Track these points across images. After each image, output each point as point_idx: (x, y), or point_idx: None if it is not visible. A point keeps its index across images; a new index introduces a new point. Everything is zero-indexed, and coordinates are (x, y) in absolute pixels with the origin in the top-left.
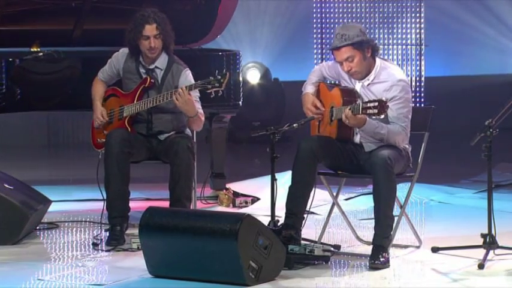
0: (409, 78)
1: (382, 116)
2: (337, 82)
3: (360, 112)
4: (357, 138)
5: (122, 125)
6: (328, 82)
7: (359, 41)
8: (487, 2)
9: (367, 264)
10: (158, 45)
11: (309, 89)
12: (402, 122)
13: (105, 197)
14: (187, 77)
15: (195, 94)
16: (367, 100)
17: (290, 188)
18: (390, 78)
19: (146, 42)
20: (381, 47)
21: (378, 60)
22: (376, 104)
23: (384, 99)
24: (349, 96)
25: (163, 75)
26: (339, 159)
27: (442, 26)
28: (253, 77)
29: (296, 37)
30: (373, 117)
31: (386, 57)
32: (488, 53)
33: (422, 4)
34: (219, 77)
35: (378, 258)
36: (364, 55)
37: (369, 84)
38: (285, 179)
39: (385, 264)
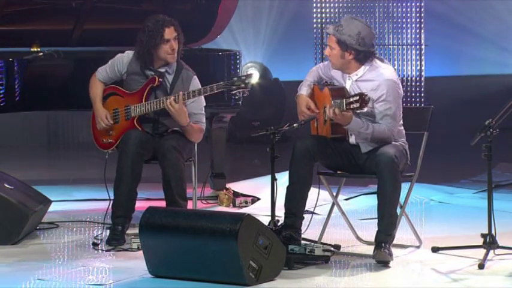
0: (409, 78)
1: (365, 109)
2: (329, 82)
3: (345, 108)
4: (353, 139)
5: (131, 125)
6: (322, 83)
7: (344, 41)
8: (487, 2)
9: (372, 255)
10: (177, 48)
11: (303, 90)
12: (388, 122)
13: (111, 197)
14: (196, 86)
15: (201, 106)
16: (352, 94)
17: (288, 188)
18: (378, 78)
19: (167, 46)
20: (377, 51)
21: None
22: (357, 98)
23: (364, 92)
24: (338, 94)
25: (173, 80)
26: (336, 158)
27: (442, 25)
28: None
29: (296, 37)
30: (357, 111)
31: (386, 57)
32: (488, 53)
33: (422, 4)
34: (244, 77)
35: (381, 249)
36: (343, 54)
37: (357, 80)
38: (285, 179)
39: (390, 256)
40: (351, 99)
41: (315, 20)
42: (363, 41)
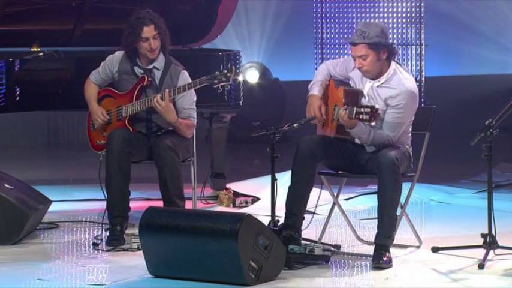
0: None
1: (373, 123)
2: (346, 81)
3: (353, 116)
4: (358, 139)
5: (122, 125)
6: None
7: (376, 42)
8: (487, 1)
9: (371, 264)
10: (157, 46)
11: (316, 90)
12: (392, 131)
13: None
14: (186, 79)
15: (191, 101)
16: (364, 105)
17: (289, 188)
18: (399, 87)
19: (146, 44)
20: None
21: (393, 63)
22: (368, 110)
23: (376, 106)
24: (351, 97)
25: (162, 76)
26: (338, 158)
27: (442, 25)
28: (252, 77)
29: (296, 37)
30: (365, 123)
31: None
32: (488, 53)
33: (422, 4)
34: (225, 71)
35: (381, 258)
36: (378, 56)
37: (378, 86)
38: (285, 179)
39: (389, 263)
40: (362, 110)
41: (315, 20)
42: (386, 36)
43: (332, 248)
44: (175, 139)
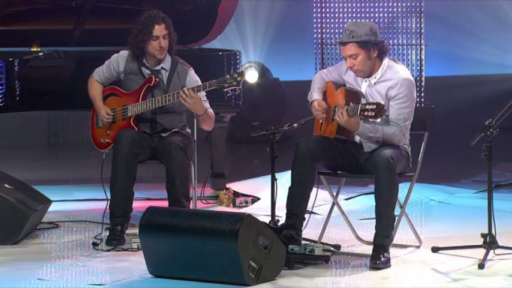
0: None
1: (379, 120)
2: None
3: (358, 113)
4: (357, 138)
5: (127, 125)
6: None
7: (365, 41)
8: (488, 1)
9: (368, 264)
10: (166, 45)
11: (316, 96)
12: (401, 122)
13: (108, 197)
14: (193, 77)
15: (202, 94)
16: (369, 102)
17: (290, 188)
18: (395, 76)
19: (155, 42)
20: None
21: (386, 59)
22: (374, 107)
23: (382, 102)
24: (353, 97)
25: (169, 76)
26: (338, 159)
27: (442, 26)
28: (251, 76)
29: (296, 37)
30: (370, 119)
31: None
32: (488, 53)
33: (422, 4)
34: (236, 75)
35: (379, 258)
36: (368, 55)
37: (375, 83)
38: (285, 179)
39: (387, 264)
40: (367, 107)
41: (315, 20)
42: (376, 34)
43: (332, 248)
44: (185, 140)
